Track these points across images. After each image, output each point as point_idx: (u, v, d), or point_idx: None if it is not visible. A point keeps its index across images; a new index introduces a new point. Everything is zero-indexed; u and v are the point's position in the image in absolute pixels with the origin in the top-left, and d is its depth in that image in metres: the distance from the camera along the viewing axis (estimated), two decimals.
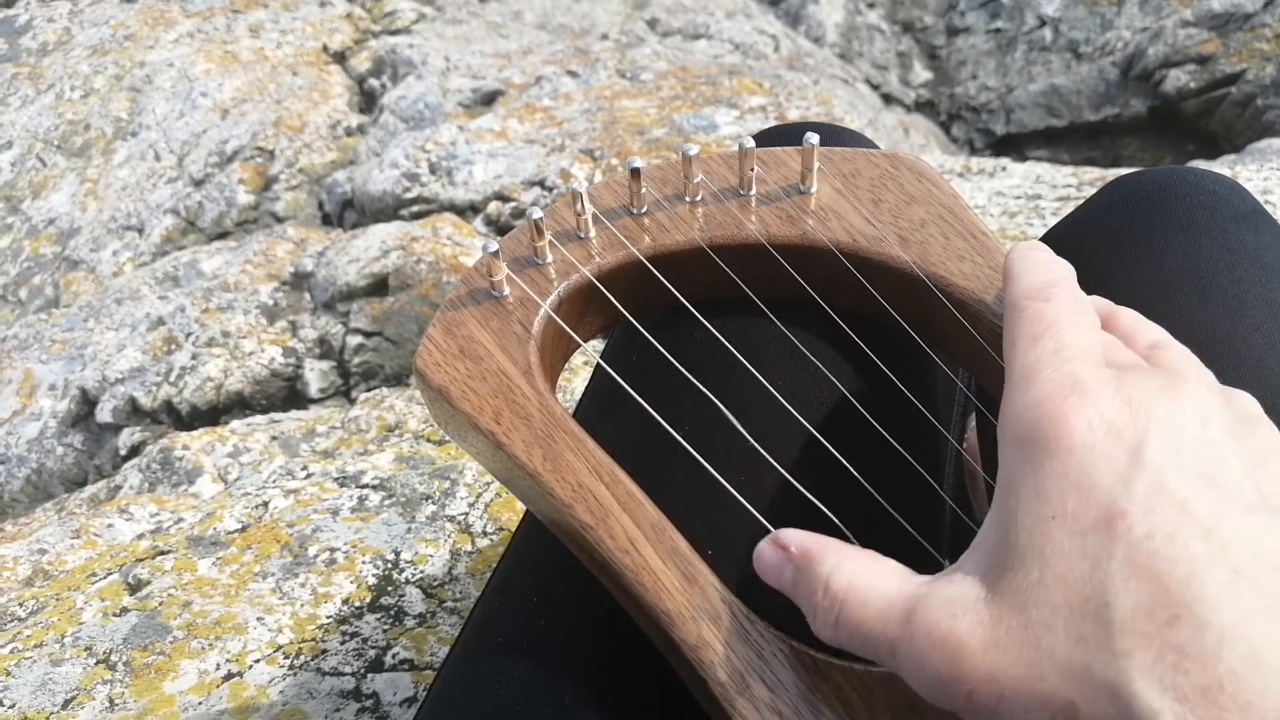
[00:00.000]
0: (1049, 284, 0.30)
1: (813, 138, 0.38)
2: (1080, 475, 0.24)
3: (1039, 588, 0.24)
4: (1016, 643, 0.24)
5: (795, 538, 0.29)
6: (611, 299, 0.38)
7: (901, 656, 0.25)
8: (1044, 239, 0.51)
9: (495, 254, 0.36)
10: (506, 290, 0.37)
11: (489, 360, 0.35)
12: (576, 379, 1.19)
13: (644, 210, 0.39)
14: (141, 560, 0.86)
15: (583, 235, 0.38)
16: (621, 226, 0.39)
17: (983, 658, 0.24)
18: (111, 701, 0.69)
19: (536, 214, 0.37)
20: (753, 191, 0.39)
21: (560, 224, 0.39)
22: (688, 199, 0.39)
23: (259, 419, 1.54)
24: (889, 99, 2.97)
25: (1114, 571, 0.23)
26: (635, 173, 0.38)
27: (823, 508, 0.36)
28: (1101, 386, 0.26)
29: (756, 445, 0.36)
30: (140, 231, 2.26)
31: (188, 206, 2.27)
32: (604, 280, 0.38)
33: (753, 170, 0.39)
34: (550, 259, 0.38)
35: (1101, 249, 0.45)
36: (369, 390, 1.57)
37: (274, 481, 1.03)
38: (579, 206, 0.38)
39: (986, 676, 0.24)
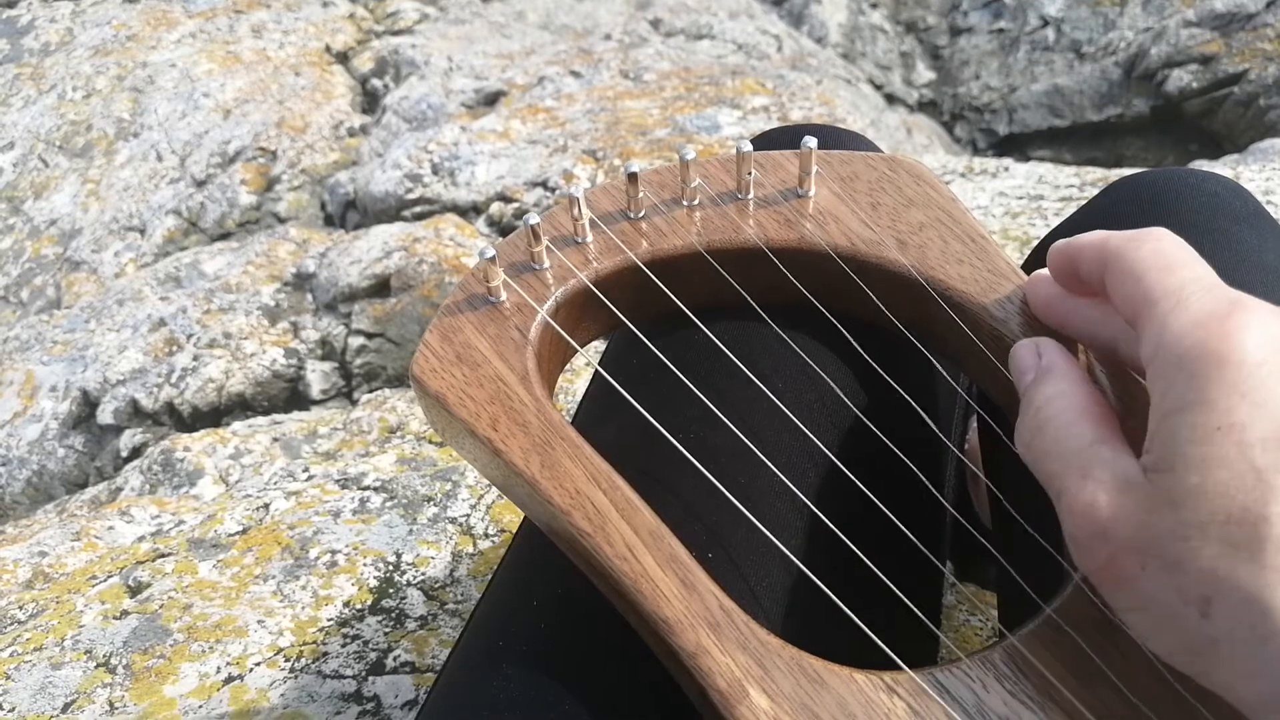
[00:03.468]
0: (1144, 231, 0.30)
1: (810, 141, 0.37)
2: (1253, 388, 0.24)
3: (1196, 493, 0.24)
4: (1167, 534, 0.24)
5: (1050, 350, 0.31)
6: (609, 304, 0.38)
7: (1063, 505, 0.27)
8: (1044, 240, 0.51)
9: (492, 259, 0.36)
10: (503, 296, 0.37)
11: (486, 366, 0.35)
12: (579, 380, 1.19)
13: (641, 215, 0.39)
14: (142, 563, 0.86)
15: (580, 240, 0.38)
16: (619, 231, 0.38)
17: (1133, 534, 0.25)
18: (111, 705, 0.69)
19: (533, 219, 0.36)
20: (750, 195, 0.39)
21: (557, 229, 0.39)
22: (685, 203, 0.39)
23: (260, 420, 1.54)
24: (892, 99, 2.96)
25: (1279, 487, 0.23)
26: (632, 177, 0.38)
27: (820, 514, 0.36)
28: (1262, 307, 0.26)
29: (755, 450, 0.36)
30: (142, 232, 2.26)
31: (190, 207, 2.27)
32: (601, 286, 0.38)
33: (750, 174, 0.38)
34: (547, 264, 0.38)
35: None
36: (371, 391, 1.57)
37: (275, 483, 1.03)
38: (576, 211, 0.37)
39: (1132, 549, 0.25)
